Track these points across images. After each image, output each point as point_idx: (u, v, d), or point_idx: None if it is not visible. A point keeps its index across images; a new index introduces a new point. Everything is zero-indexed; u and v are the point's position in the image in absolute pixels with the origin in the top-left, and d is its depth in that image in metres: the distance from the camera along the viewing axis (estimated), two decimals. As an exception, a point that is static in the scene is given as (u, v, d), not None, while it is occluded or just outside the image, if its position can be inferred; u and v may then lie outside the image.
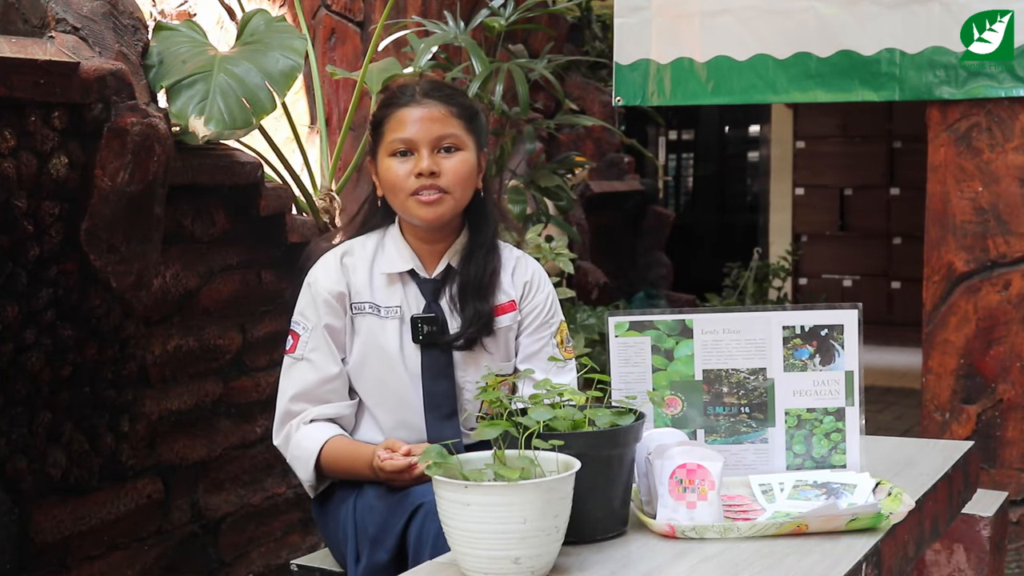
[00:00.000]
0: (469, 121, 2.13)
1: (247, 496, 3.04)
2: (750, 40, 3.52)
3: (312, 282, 2.14)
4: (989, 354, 3.34)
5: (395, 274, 2.14)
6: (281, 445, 2.15)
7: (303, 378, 2.11)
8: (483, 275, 2.14)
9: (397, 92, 2.17)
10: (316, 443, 2.08)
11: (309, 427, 2.11)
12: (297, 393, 2.11)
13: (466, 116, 2.13)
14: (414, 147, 2.09)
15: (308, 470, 2.10)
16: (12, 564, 2.36)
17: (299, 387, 2.11)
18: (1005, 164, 3.30)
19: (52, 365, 2.44)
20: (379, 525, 1.98)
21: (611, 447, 1.64)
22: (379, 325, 2.12)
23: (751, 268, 7.55)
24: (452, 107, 2.11)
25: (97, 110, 2.34)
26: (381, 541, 1.97)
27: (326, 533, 2.19)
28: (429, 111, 2.09)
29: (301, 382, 2.11)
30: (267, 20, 3.05)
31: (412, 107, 2.10)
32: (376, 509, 2.00)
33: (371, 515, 2.00)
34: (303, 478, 2.12)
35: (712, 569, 1.54)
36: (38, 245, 2.34)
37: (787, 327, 1.93)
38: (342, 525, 2.08)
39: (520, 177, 3.89)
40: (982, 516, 2.57)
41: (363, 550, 2.02)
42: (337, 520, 2.11)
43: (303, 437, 2.10)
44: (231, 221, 2.95)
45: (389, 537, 1.96)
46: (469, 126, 2.13)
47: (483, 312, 2.12)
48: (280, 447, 2.15)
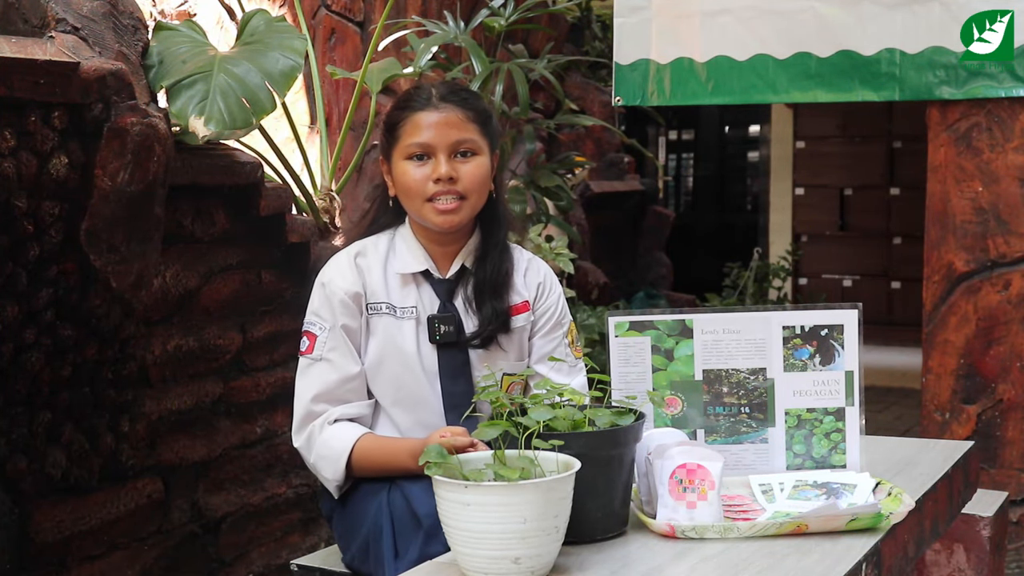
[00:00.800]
0: (484, 125, 2.14)
1: (247, 496, 3.04)
2: (750, 40, 3.52)
3: (327, 282, 2.13)
4: (989, 354, 3.34)
5: (409, 275, 2.15)
6: (303, 447, 2.13)
7: (323, 378, 2.10)
8: (498, 274, 2.15)
9: (413, 94, 2.16)
10: (347, 442, 2.07)
11: (335, 427, 2.09)
12: (318, 393, 2.10)
13: (481, 120, 2.13)
14: (431, 152, 2.09)
15: (338, 470, 2.08)
16: (12, 564, 2.36)
17: (320, 387, 2.10)
18: (1005, 164, 3.30)
19: (52, 365, 2.44)
20: (435, 516, 1.94)
21: (611, 447, 1.64)
22: (396, 326, 2.12)
23: (751, 268, 7.55)
24: (469, 111, 2.12)
25: (97, 110, 2.34)
26: (437, 533, 1.93)
27: (344, 530, 2.16)
28: (446, 116, 2.09)
29: (321, 383, 2.10)
30: (267, 20, 3.05)
31: (429, 111, 2.10)
32: (428, 501, 1.92)
33: (424, 507, 1.95)
34: (329, 477, 2.10)
35: (712, 569, 1.54)
36: (38, 245, 2.34)
37: (787, 327, 1.93)
38: (373, 521, 2.06)
39: (520, 177, 3.90)
40: (982, 516, 2.57)
41: (407, 543, 1.98)
42: (364, 517, 2.08)
43: (330, 437, 2.08)
44: (231, 221, 2.95)
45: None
46: (484, 130, 2.13)
47: (500, 310, 2.14)
48: (302, 449, 2.13)
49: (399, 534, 2.01)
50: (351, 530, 2.13)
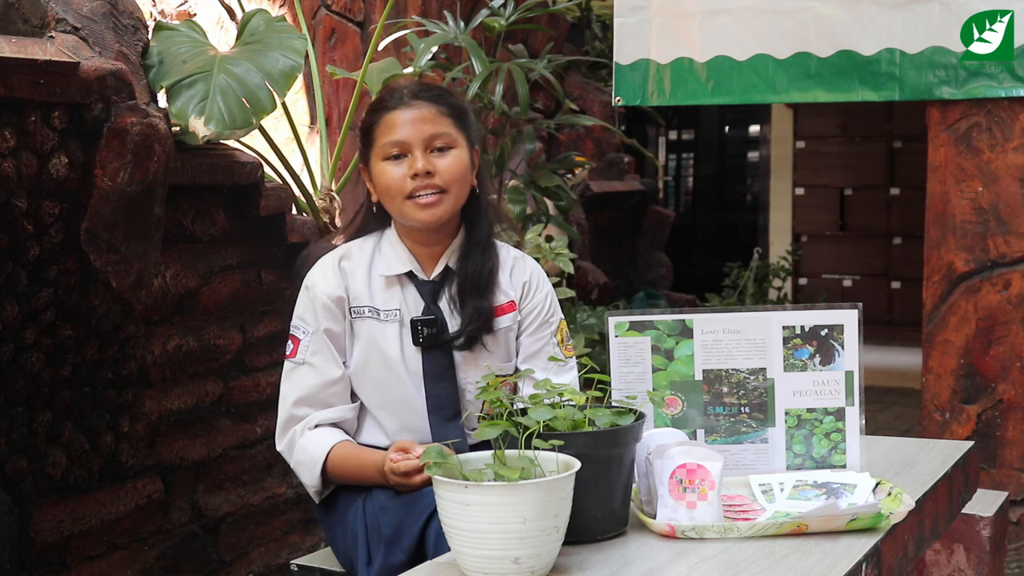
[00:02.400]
0: (459, 119, 2.13)
1: (247, 496, 3.04)
2: (750, 40, 3.52)
3: (310, 286, 2.13)
4: (989, 354, 3.34)
5: (393, 277, 2.14)
6: (285, 451, 2.14)
7: (305, 382, 2.11)
8: (481, 272, 2.14)
9: (385, 97, 2.17)
10: (322, 449, 2.08)
11: (313, 433, 2.10)
12: (300, 398, 2.11)
13: (455, 114, 2.13)
14: (407, 149, 2.08)
15: (314, 476, 2.09)
16: (12, 564, 2.36)
17: (301, 392, 2.11)
18: (1005, 164, 3.30)
19: (52, 365, 2.44)
20: (394, 526, 1.97)
21: (611, 447, 1.64)
22: (379, 329, 2.12)
23: (751, 268, 7.55)
24: (441, 106, 2.11)
25: (97, 110, 2.34)
26: (397, 542, 1.96)
27: (331, 535, 2.18)
28: (419, 112, 2.09)
29: (303, 387, 2.11)
30: (267, 20, 3.05)
31: (401, 109, 2.10)
32: (389, 510, 1.99)
33: (385, 516, 1.99)
34: (308, 484, 2.12)
35: (712, 569, 1.54)
36: (38, 245, 2.34)
37: (787, 327, 1.93)
38: (350, 527, 2.07)
39: (520, 177, 3.89)
40: (982, 516, 2.57)
41: (376, 551, 2.00)
42: (344, 523, 2.10)
43: (308, 443, 2.09)
44: (231, 221, 2.95)
45: (406, 538, 1.94)
46: (459, 124, 2.13)
47: (483, 309, 2.12)
48: (284, 453, 2.14)
49: (371, 541, 2.03)
50: (336, 534, 2.15)
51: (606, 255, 6.62)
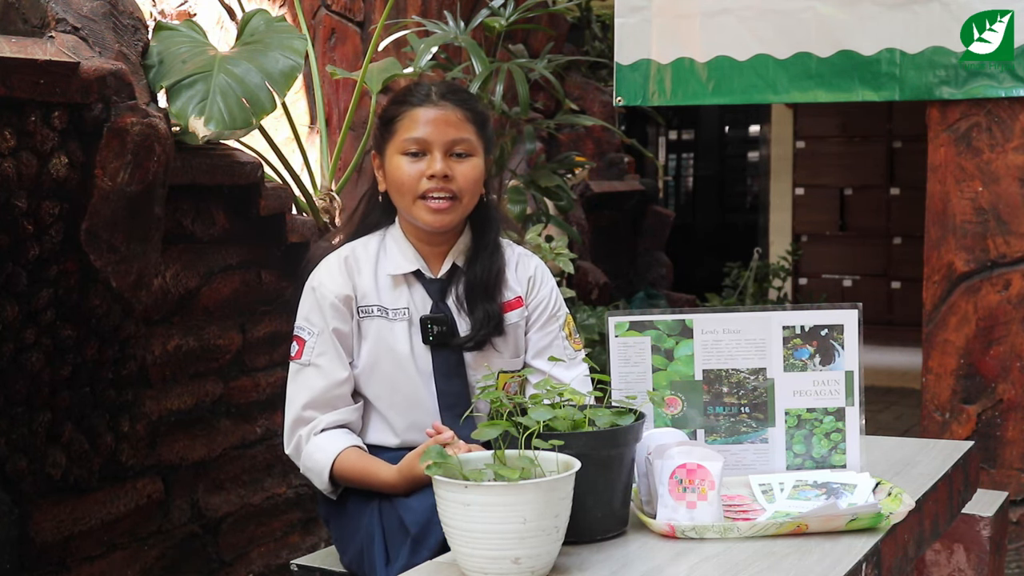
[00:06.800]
0: (481, 127, 2.13)
1: (247, 496, 3.04)
2: (750, 40, 3.52)
3: (317, 286, 2.12)
4: (989, 354, 3.34)
5: (400, 276, 2.13)
6: (292, 455, 2.14)
7: (311, 384, 2.10)
8: (489, 276, 2.14)
9: (412, 90, 2.15)
10: (328, 455, 2.07)
11: (320, 438, 2.09)
12: (307, 401, 2.10)
13: (479, 122, 2.13)
14: (427, 148, 2.08)
15: (323, 481, 2.09)
16: (12, 564, 2.36)
17: (308, 394, 2.10)
18: (1005, 164, 3.30)
19: (52, 365, 2.44)
20: (422, 525, 1.95)
21: (611, 447, 1.64)
22: (388, 328, 2.11)
23: (751, 268, 7.55)
24: (467, 111, 2.11)
25: (97, 110, 2.34)
26: (423, 540, 1.94)
27: (339, 535, 2.16)
28: (445, 113, 2.09)
29: (309, 389, 2.10)
30: (267, 20, 3.05)
31: (427, 107, 2.09)
32: (416, 509, 1.97)
33: (410, 515, 1.97)
34: (319, 487, 2.12)
35: (712, 569, 1.54)
36: (38, 245, 2.34)
37: (787, 327, 1.93)
38: (366, 527, 2.06)
39: (520, 177, 3.89)
40: (982, 516, 2.57)
41: (397, 550, 1.99)
42: (358, 522, 2.09)
43: (315, 449, 2.09)
44: (231, 221, 2.95)
45: (432, 537, 1.93)
46: (480, 132, 2.13)
47: (493, 313, 2.12)
48: (292, 456, 2.14)
49: (389, 540, 2.02)
50: (347, 534, 2.14)
51: (606, 255, 6.62)
